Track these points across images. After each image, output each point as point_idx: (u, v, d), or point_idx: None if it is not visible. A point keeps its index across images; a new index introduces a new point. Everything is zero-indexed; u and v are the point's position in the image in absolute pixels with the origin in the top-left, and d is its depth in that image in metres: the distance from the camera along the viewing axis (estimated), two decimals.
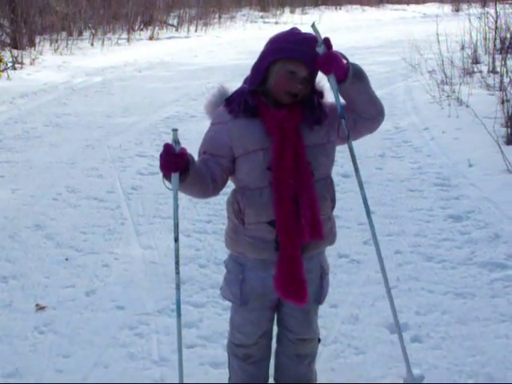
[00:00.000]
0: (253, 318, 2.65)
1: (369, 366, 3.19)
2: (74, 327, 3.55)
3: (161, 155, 2.27)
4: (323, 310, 3.64)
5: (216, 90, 2.55)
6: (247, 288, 2.58)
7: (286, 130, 2.38)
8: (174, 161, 2.26)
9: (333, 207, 2.59)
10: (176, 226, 2.43)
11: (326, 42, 2.36)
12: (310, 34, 2.43)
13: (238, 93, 2.46)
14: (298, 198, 2.40)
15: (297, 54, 2.36)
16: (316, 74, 2.42)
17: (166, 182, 2.34)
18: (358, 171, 2.63)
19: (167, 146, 2.27)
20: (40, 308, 3.75)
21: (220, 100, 2.51)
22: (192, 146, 2.48)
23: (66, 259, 4.41)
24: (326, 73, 2.39)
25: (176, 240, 2.46)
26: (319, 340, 2.85)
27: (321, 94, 2.49)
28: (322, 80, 2.49)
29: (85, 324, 3.59)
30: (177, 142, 2.27)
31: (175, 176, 2.29)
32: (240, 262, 2.59)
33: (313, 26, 2.44)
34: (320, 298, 2.68)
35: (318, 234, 2.45)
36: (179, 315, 2.51)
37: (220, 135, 2.44)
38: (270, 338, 2.78)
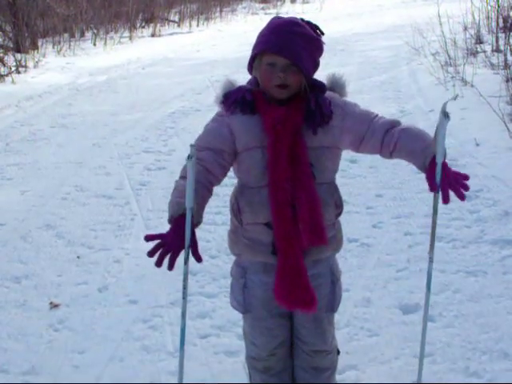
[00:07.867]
0: (262, 327, 2.50)
1: (382, 348, 3.21)
2: (88, 323, 3.58)
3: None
4: None
5: (222, 83, 2.43)
6: (249, 293, 2.47)
7: (280, 131, 2.26)
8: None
9: (338, 213, 2.46)
10: (188, 247, 2.20)
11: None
12: (286, 19, 2.33)
13: (237, 89, 2.37)
14: (295, 201, 2.27)
15: (270, 46, 2.26)
16: (304, 58, 2.27)
17: None
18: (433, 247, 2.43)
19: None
20: (54, 306, 3.78)
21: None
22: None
23: (78, 257, 4.44)
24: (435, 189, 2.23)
25: (186, 262, 2.25)
26: (338, 352, 2.71)
27: (321, 88, 2.35)
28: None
29: (99, 320, 3.62)
30: (190, 157, 2.11)
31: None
32: (242, 266, 2.50)
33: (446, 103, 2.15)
34: (333, 305, 2.53)
35: (320, 239, 2.31)
36: (182, 344, 2.29)
37: (221, 129, 2.35)
38: (290, 348, 2.63)
